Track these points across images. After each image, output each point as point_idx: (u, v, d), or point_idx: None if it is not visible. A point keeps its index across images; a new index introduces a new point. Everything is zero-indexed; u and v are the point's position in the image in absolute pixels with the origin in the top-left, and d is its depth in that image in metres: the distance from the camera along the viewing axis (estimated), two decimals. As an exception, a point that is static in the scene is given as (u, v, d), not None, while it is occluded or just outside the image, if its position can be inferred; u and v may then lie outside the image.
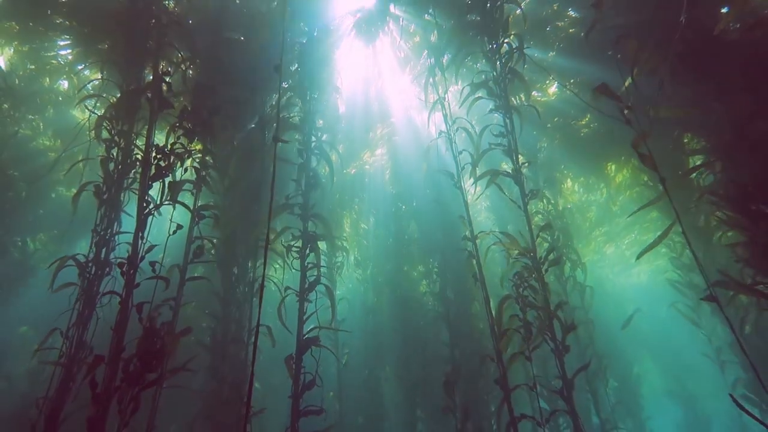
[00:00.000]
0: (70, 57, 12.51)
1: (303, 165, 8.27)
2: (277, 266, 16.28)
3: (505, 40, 7.88)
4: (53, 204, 14.98)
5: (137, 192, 7.12)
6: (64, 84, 13.81)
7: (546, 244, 12.75)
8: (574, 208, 19.91)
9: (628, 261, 27.10)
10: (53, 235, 17.26)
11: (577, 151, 15.73)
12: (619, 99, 4.70)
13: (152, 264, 5.97)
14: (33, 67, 12.95)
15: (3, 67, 12.73)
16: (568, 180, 18.90)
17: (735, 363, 11.33)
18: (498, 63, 7.82)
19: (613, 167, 16.74)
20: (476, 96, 8.05)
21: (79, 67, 12.28)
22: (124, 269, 6.23)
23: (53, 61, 12.94)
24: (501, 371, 6.23)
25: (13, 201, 13.33)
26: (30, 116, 13.94)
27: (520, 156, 7.60)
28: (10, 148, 12.95)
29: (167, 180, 6.70)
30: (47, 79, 13.49)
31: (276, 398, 12.25)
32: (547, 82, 14.08)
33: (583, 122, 14.66)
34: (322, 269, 7.86)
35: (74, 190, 8.02)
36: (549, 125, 15.12)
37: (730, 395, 4.17)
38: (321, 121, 10.99)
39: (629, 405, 16.12)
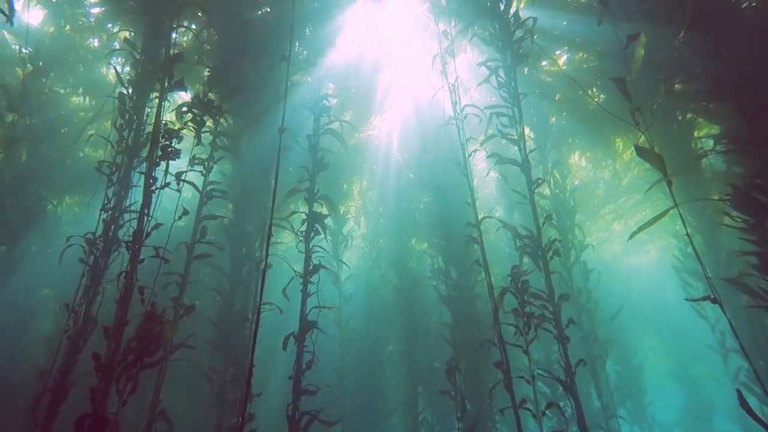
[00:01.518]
0: (101, 15, 12.51)
1: (311, 148, 8.28)
2: (284, 244, 16.44)
3: (516, 28, 7.77)
4: (80, 165, 15.07)
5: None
6: (94, 42, 13.82)
7: (552, 231, 12.72)
8: (581, 184, 19.71)
9: (637, 239, 26.82)
10: (78, 198, 17.49)
11: (585, 124, 15.58)
12: (629, 97, 4.64)
13: (156, 249, 6.06)
14: (68, 27, 12.92)
15: (37, 24, 12.74)
16: (576, 155, 18.74)
17: (738, 351, 11.32)
18: (508, 52, 7.72)
19: (621, 144, 16.56)
20: (486, 78, 7.98)
21: (109, 25, 12.29)
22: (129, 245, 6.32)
23: (83, 19, 12.94)
24: (502, 356, 6.30)
25: (43, 168, 13.44)
26: (57, 85, 13.94)
27: (526, 134, 7.57)
28: (42, 111, 13.02)
29: (171, 161, 6.72)
30: (77, 37, 13.51)
31: (281, 375, 12.48)
32: (558, 52, 13.91)
33: (595, 87, 14.44)
34: (328, 244, 7.95)
35: (101, 152, 8.13)
36: (558, 97, 14.97)
37: (737, 391, 4.16)
38: (335, 100, 10.92)
39: (631, 390, 16.18)
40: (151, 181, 6.71)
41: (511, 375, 6.12)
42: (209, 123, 8.44)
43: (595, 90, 13.89)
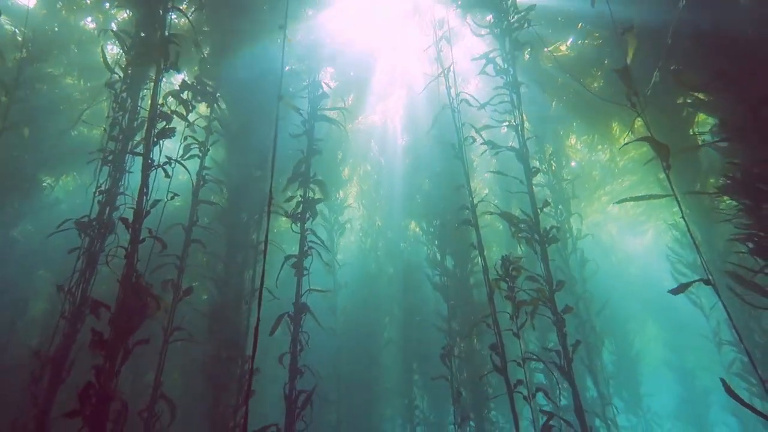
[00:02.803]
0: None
1: (306, 132, 8.27)
2: (278, 231, 16.44)
3: (516, 22, 7.70)
4: (73, 143, 15.03)
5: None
6: (89, 23, 13.73)
7: (550, 220, 12.71)
8: (578, 166, 19.66)
9: (635, 219, 26.68)
10: (73, 177, 17.51)
11: (584, 108, 15.56)
12: (630, 84, 4.62)
13: (150, 230, 6.07)
14: (61, 4, 12.81)
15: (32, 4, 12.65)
16: (573, 138, 18.70)
17: (732, 342, 11.34)
18: (506, 39, 7.65)
19: (618, 129, 16.49)
20: (482, 67, 7.91)
21: (106, 5, 12.20)
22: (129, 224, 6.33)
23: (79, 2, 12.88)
24: (497, 339, 6.32)
25: (40, 150, 13.38)
26: (52, 67, 13.85)
27: (525, 127, 7.52)
28: (38, 95, 12.94)
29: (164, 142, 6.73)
30: (72, 18, 13.40)
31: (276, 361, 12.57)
32: (564, 42, 13.91)
33: (595, 76, 14.38)
34: (322, 231, 7.99)
35: (96, 131, 8.11)
36: (559, 82, 14.93)
37: (721, 380, 4.15)
38: (334, 84, 10.78)
39: (627, 379, 16.23)
40: (150, 161, 6.72)
41: (506, 359, 6.13)
42: (199, 110, 8.43)
43: (595, 73, 13.87)
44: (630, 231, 28.63)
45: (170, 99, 8.08)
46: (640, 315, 29.04)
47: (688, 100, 9.39)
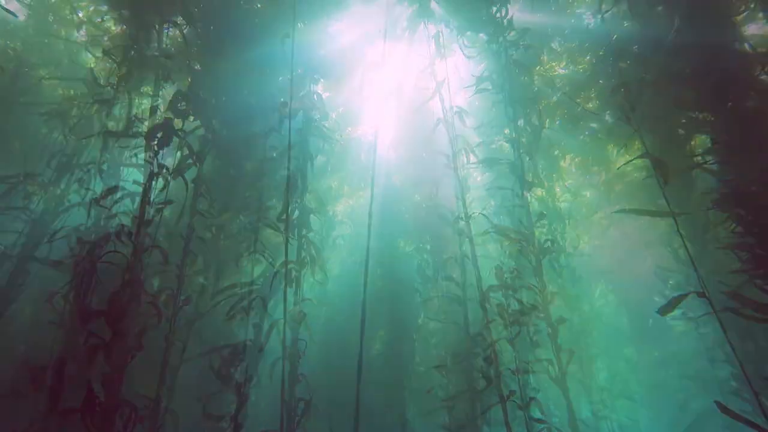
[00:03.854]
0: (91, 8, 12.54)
1: (301, 144, 8.37)
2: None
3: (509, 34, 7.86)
4: (66, 153, 14.93)
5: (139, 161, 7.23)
6: (80, 35, 13.76)
7: (545, 238, 12.76)
8: (571, 188, 19.69)
9: (634, 246, 26.34)
10: (60, 188, 17.42)
11: (578, 129, 15.65)
12: (628, 99, 4.76)
13: (151, 238, 6.13)
14: (53, 17, 12.91)
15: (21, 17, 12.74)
16: (566, 159, 18.73)
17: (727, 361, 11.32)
18: (502, 56, 7.78)
19: (615, 152, 16.55)
20: (480, 86, 8.03)
21: (98, 20, 12.30)
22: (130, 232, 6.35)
23: (69, 16, 12.96)
24: (491, 349, 6.34)
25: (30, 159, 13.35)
26: (42, 79, 13.88)
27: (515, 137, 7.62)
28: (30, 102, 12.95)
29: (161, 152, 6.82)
30: (64, 31, 13.47)
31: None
32: (554, 63, 14.12)
33: (591, 93, 14.49)
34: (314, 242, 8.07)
35: (89, 142, 8.15)
36: (554, 100, 15.06)
37: (716, 402, 4.20)
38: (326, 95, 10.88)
39: (622, 399, 16.18)
40: (151, 171, 6.77)
41: (500, 368, 6.16)
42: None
43: (588, 95, 14.04)
44: (630, 257, 28.56)
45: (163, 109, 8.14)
46: (636, 338, 28.96)
47: (683, 120, 9.56)
